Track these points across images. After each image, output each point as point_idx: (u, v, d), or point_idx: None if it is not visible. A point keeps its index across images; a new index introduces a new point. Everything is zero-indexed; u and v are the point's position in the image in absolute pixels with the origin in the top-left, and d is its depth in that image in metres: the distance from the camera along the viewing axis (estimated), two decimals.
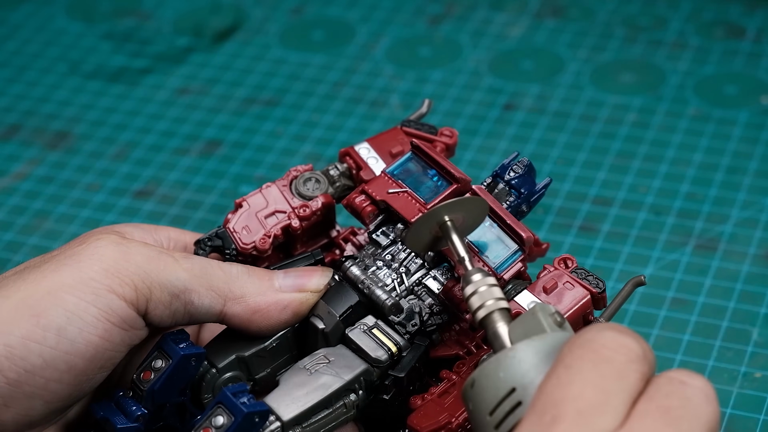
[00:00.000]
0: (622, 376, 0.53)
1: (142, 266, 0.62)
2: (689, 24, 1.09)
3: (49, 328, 0.59)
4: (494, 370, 0.55)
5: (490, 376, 0.56)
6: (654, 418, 0.52)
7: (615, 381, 0.52)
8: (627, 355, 0.53)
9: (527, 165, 0.70)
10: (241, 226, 0.70)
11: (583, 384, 0.52)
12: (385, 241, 0.68)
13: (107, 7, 1.17)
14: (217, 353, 0.64)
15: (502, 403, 0.55)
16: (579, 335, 0.55)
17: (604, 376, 0.53)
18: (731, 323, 0.82)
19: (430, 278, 0.67)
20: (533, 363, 0.55)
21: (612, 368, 0.53)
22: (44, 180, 0.98)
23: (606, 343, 0.54)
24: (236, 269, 0.65)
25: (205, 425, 0.60)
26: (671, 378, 0.54)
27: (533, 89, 1.04)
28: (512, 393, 0.55)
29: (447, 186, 0.68)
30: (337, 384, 0.63)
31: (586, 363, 0.53)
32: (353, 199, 0.69)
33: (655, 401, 0.52)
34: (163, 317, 0.62)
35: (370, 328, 0.65)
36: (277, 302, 0.64)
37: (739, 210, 0.90)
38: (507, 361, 0.55)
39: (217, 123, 1.03)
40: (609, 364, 0.53)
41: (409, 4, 1.14)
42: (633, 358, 0.53)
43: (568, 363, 0.53)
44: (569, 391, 0.52)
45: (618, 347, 0.53)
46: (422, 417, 0.63)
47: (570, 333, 0.57)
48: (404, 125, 0.73)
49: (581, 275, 0.66)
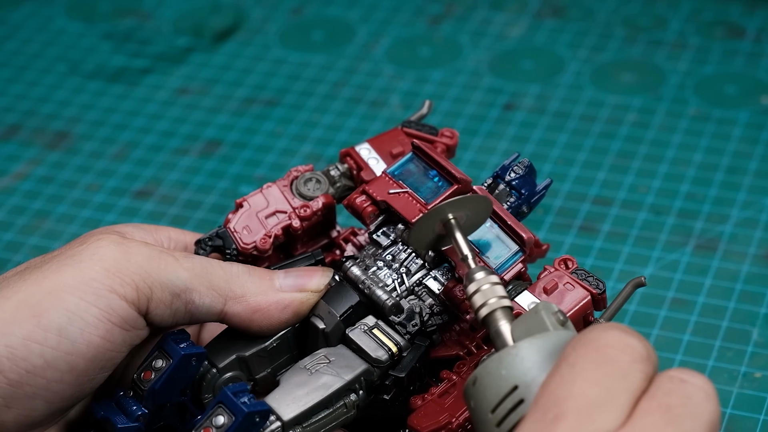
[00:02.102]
0: (625, 375, 0.53)
1: (143, 266, 0.62)
2: (689, 24, 1.09)
3: (50, 329, 0.59)
4: (496, 367, 0.55)
5: (492, 373, 0.56)
6: (655, 416, 0.52)
7: (618, 380, 0.53)
8: (631, 355, 0.53)
9: (528, 166, 0.70)
10: (241, 226, 0.70)
11: (586, 382, 0.52)
12: (385, 241, 0.68)
13: (107, 7, 1.17)
14: (217, 353, 0.64)
15: (504, 400, 0.55)
16: (583, 334, 0.55)
17: (608, 375, 0.53)
18: (731, 323, 0.82)
19: (431, 278, 0.67)
20: (536, 361, 0.55)
21: (616, 368, 0.53)
22: (44, 180, 0.98)
23: (610, 343, 0.54)
24: (237, 268, 0.65)
25: (205, 425, 0.60)
26: (672, 376, 0.54)
27: (533, 89, 1.04)
28: (514, 391, 0.55)
29: (448, 186, 0.68)
30: (337, 384, 0.63)
31: (589, 362, 0.53)
32: (354, 200, 0.69)
33: (656, 399, 0.53)
34: (164, 317, 0.62)
35: (370, 328, 0.65)
36: (277, 302, 0.64)
37: (739, 210, 0.90)
38: (509, 359, 0.55)
39: (217, 123, 1.03)
40: (613, 363, 0.53)
41: (409, 4, 1.14)
42: (637, 358, 0.53)
43: (572, 362, 0.53)
44: (572, 390, 0.52)
45: (623, 347, 0.54)
46: (422, 417, 0.63)
47: (573, 332, 0.57)
48: (405, 126, 0.73)
49: (581, 276, 0.66)
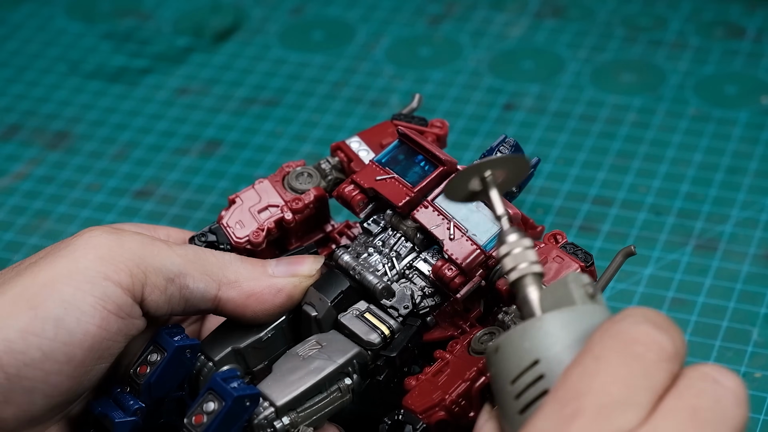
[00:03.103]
0: (649, 374, 0.52)
1: (137, 252, 0.62)
2: (689, 24, 1.09)
3: (47, 320, 0.59)
4: (519, 338, 0.55)
5: (514, 344, 0.55)
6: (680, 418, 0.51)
7: (642, 379, 0.51)
8: (658, 353, 0.52)
9: (514, 145, 0.70)
10: (234, 221, 0.70)
11: (608, 378, 0.51)
12: (376, 228, 0.68)
13: (107, 7, 1.17)
14: (213, 347, 0.64)
15: (525, 373, 0.54)
16: (612, 323, 0.53)
17: (632, 372, 0.51)
18: (731, 323, 0.82)
19: (421, 261, 0.67)
20: (560, 336, 0.54)
21: (641, 365, 0.52)
22: (44, 180, 0.98)
23: (639, 338, 0.52)
24: (229, 256, 0.65)
25: (197, 412, 0.60)
26: (705, 374, 0.52)
27: (533, 89, 1.04)
28: (536, 365, 0.54)
29: (434, 169, 0.68)
30: (329, 367, 0.63)
31: (614, 356, 0.52)
32: (343, 190, 0.69)
33: (684, 399, 0.51)
34: (160, 303, 0.63)
35: (362, 312, 0.66)
36: (270, 286, 0.65)
37: (739, 210, 0.90)
38: (533, 332, 0.54)
39: (217, 123, 1.03)
40: (638, 360, 0.52)
41: (409, 4, 1.14)
42: (664, 357, 0.52)
43: (597, 353, 0.52)
44: (593, 384, 0.51)
45: (650, 344, 0.52)
46: (416, 397, 0.63)
47: (601, 306, 0.56)
48: (395, 119, 0.74)
49: (570, 250, 0.66)
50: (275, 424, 0.61)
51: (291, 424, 0.62)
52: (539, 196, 0.92)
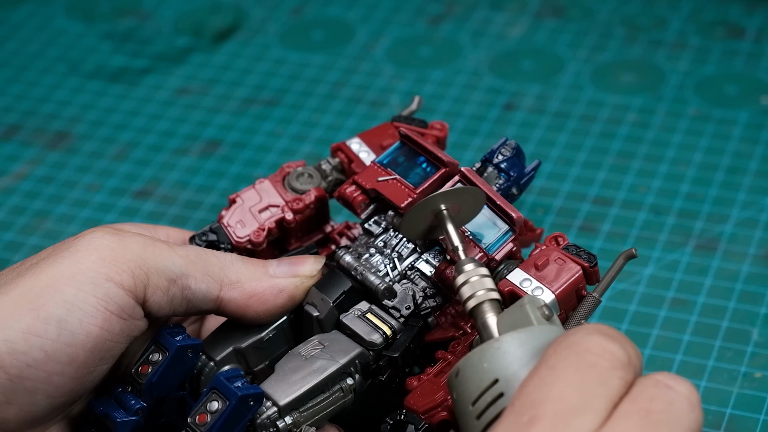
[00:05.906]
0: (604, 381, 0.53)
1: (139, 253, 0.62)
2: (689, 24, 1.09)
3: (49, 321, 0.59)
4: (478, 360, 0.56)
5: (474, 366, 0.56)
6: (634, 420, 0.52)
7: (596, 386, 0.53)
8: (611, 361, 0.53)
9: (515, 148, 0.70)
10: (235, 221, 0.70)
11: (564, 386, 0.52)
12: (377, 229, 0.69)
13: (107, 7, 1.17)
14: (214, 346, 0.65)
15: (485, 393, 0.55)
16: (565, 336, 0.55)
17: (587, 380, 0.53)
18: (731, 323, 0.82)
19: (423, 262, 0.67)
20: (517, 355, 0.55)
21: (595, 373, 0.53)
22: (44, 180, 0.98)
23: (591, 348, 0.54)
24: (230, 257, 0.66)
25: (200, 411, 0.60)
26: (657, 381, 0.54)
27: (533, 89, 1.04)
28: (495, 384, 0.55)
29: (435, 171, 0.68)
30: (332, 367, 0.63)
31: (569, 365, 0.53)
32: (344, 190, 0.69)
33: (638, 403, 0.52)
34: (162, 304, 0.63)
35: (364, 313, 0.66)
36: (272, 286, 0.65)
37: (739, 210, 0.90)
38: (491, 352, 0.56)
39: (217, 123, 1.03)
40: (592, 368, 0.53)
41: (409, 4, 1.14)
42: (617, 364, 0.53)
43: (552, 364, 0.53)
44: (550, 393, 0.52)
45: (602, 352, 0.53)
46: (418, 397, 0.63)
47: (558, 326, 0.57)
48: (395, 121, 0.74)
49: (572, 251, 0.66)
50: (278, 423, 0.61)
51: (293, 424, 0.62)
52: (539, 196, 0.93)
